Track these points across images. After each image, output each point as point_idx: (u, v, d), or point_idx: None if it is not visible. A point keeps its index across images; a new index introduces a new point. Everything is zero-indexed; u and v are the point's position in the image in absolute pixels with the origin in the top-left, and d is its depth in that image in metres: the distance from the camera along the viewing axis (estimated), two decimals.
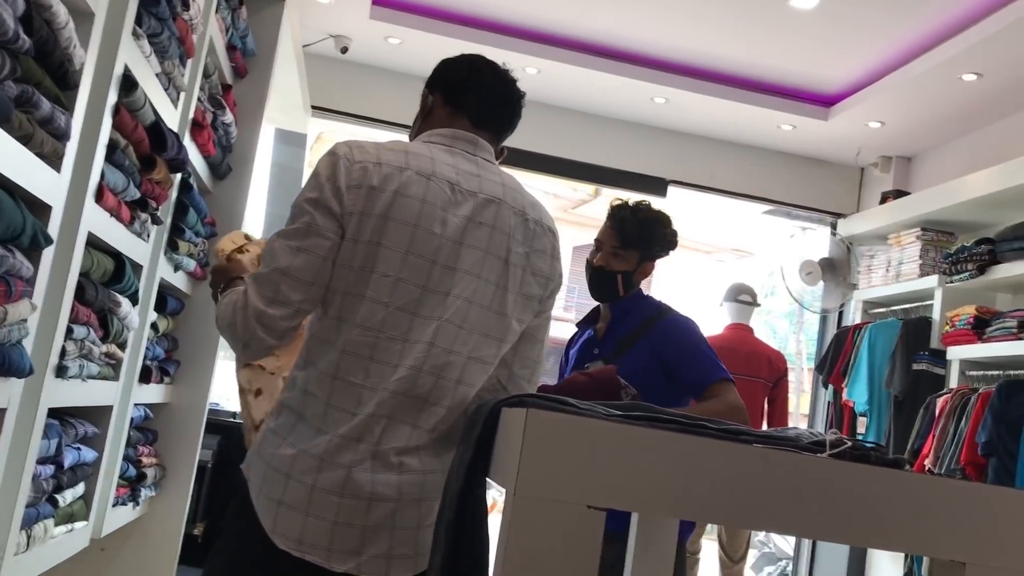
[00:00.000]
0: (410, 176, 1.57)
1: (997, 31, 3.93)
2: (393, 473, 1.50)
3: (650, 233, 2.56)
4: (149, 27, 2.11)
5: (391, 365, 1.53)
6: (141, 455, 2.82)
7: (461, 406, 1.58)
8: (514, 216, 1.64)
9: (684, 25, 4.66)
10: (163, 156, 2.32)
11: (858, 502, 1.11)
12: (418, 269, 1.54)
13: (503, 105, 1.76)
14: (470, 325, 1.58)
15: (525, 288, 1.65)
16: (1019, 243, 3.92)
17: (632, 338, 2.51)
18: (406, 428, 1.53)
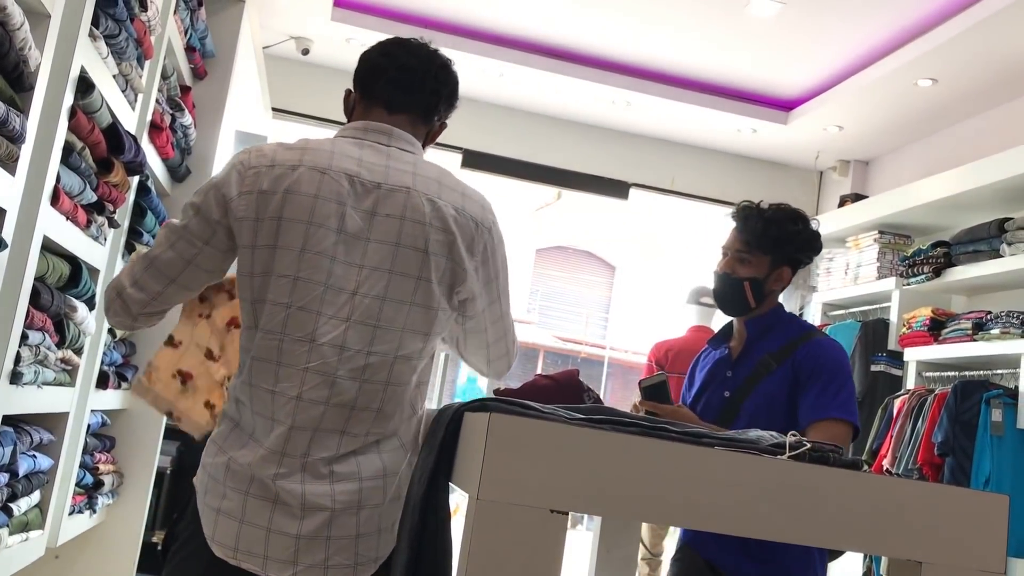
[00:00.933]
0: (302, 173, 1.51)
1: (951, 38, 4.01)
2: (326, 483, 1.47)
3: (780, 232, 2.19)
4: (106, 28, 2.08)
5: (299, 368, 1.48)
6: (98, 462, 2.77)
7: (398, 407, 1.53)
8: (428, 204, 1.54)
9: (646, 30, 4.69)
10: (120, 159, 2.29)
11: (817, 503, 1.13)
12: (316, 267, 1.48)
13: (418, 83, 1.65)
14: (388, 322, 1.50)
15: (452, 277, 1.56)
16: (973, 246, 3.99)
17: (771, 363, 2.14)
18: (335, 437, 1.49)
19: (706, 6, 4.34)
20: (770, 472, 1.13)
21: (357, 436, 1.50)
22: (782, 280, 2.21)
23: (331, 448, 1.48)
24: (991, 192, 3.98)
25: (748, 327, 2.23)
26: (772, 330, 2.20)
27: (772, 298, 2.23)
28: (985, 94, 4.52)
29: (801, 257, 2.24)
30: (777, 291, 2.23)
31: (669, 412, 1.92)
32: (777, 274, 2.20)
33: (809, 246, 2.24)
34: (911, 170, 5.12)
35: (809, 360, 2.09)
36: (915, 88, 4.56)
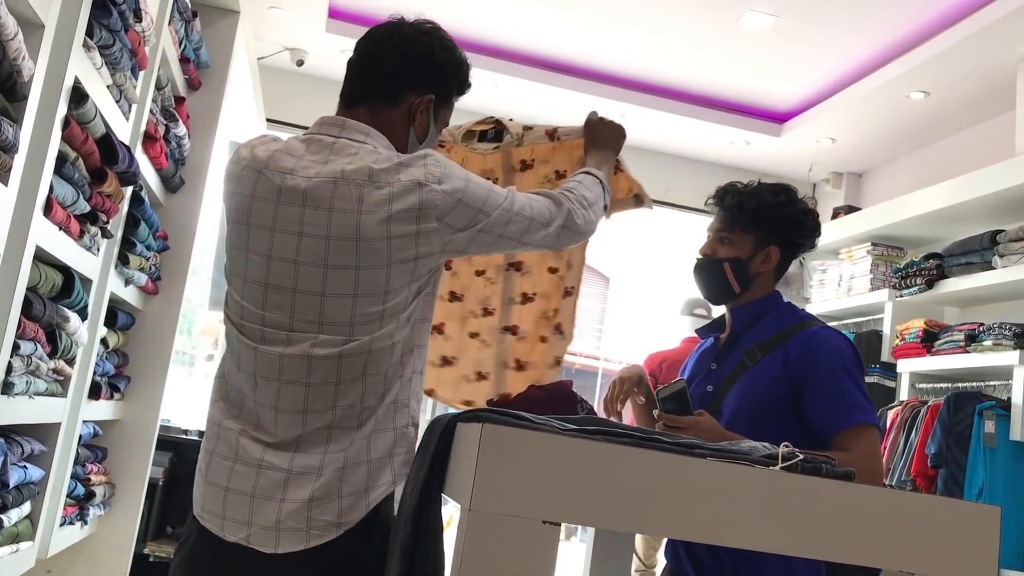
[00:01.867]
0: (244, 173, 1.52)
1: (943, 51, 4.03)
2: (287, 452, 1.46)
3: (760, 205, 1.96)
4: (100, 39, 2.08)
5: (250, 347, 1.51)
6: (90, 473, 2.76)
7: (361, 398, 1.47)
8: (356, 188, 1.43)
9: (640, 42, 4.71)
10: (114, 169, 2.29)
11: (810, 514, 1.13)
12: (257, 267, 1.48)
13: (371, 68, 1.58)
14: (330, 316, 1.45)
15: (395, 256, 1.44)
16: (965, 258, 4.01)
17: (756, 353, 1.92)
18: (297, 416, 1.47)
19: (700, 19, 4.35)
20: (763, 483, 1.13)
21: (321, 413, 1.46)
22: (770, 261, 1.97)
23: (296, 428, 1.47)
24: (983, 204, 4.00)
25: (734, 314, 2.02)
26: (763, 318, 1.98)
27: (762, 283, 1.99)
28: (977, 107, 4.54)
29: (792, 236, 1.99)
30: (766, 274, 1.99)
31: (691, 423, 1.75)
32: (764, 254, 1.96)
33: (799, 224, 1.99)
34: (904, 182, 5.14)
35: (806, 355, 1.86)
36: (907, 101, 4.58)
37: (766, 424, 1.76)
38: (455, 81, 1.64)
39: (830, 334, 1.92)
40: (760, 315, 1.98)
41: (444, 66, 1.61)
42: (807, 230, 2.01)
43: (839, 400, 1.82)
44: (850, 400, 1.82)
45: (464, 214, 1.48)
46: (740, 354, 1.95)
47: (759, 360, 1.91)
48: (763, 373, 1.89)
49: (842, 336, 1.95)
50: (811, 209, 2.03)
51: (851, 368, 1.86)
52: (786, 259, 2.01)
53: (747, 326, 1.98)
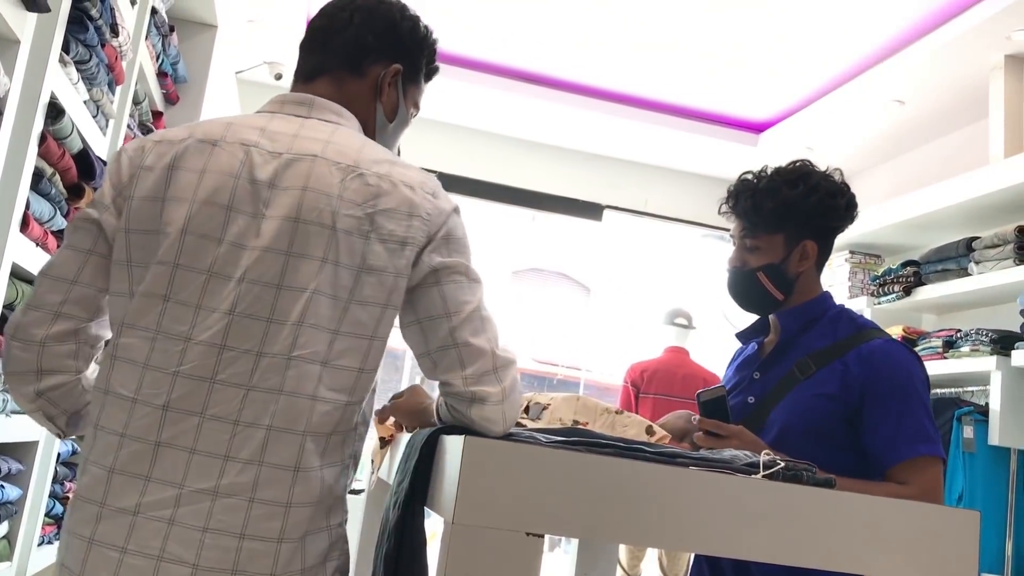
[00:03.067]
0: (189, 145, 1.28)
1: (917, 60, 4.08)
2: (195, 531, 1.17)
3: (779, 202, 1.77)
4: (77, 54, 2.08)
5: (168, 372, 1.20)
6: (68, 491, 2.73)
7: (294, 423, 1.19)
8: (337, 172, 1.25)
9: (619, 55, 4.74)
10: (91, 185, 2.27)
11: (791, 521, 1.13)
12: (202, 251, 1.23)
13: (330, 35, 1.42)
14: (282, 315, 1.21)
15: (370, 260, 1.23)
16: (942, 265, 4.05)
17: (810, 365, 1.73)
18: (216, 461, 1.18)
19: (677, 32, 4.39)
20: (744, 491, 1.13)
21: (239, 461, 1.18)
22: (808, 258, 1.79)
23: (211, 477, 1.17)
24: (958, 211, 4.04)
25: (783, 320, 1.81)
26: (815, 324, 1.78)
27: (806, 282, 1.81)
28: (951, 115, 4.60)
29: (824, 224, 1.80)
30: (807, 272, 1.80)
31: (734, 432, 1.61)
32: (799, 252, 1.78)
33: (828, 209, 1.79)
34: (880, 190, 5.19)
35: (869, 372, 1.66)
36: (883, 110, 4.63)
37: (820, 447, 1.59)
38: (421, 54, 1.50)
39: (898, 350, 1.72)
40: (812, 320, 1.79)
41: (408, 35, 1.47)
42: (840, 212, 1.81)
43: (901, 427, 1.63)
44: (914, 428, 1.63)
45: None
46: (790, 364, 1.76)
47: (813, 373, 1.71)
48: (817, 389, 1.70)
49: (911, 352, 1.74)
50: (837, 188, 1.82)
51: (920, 391, 1.67)
52: (825, 248, 1.83)
53: (798, 333, 1.80)
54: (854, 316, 1.82)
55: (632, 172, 5.91)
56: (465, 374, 1.23)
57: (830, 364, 1.71)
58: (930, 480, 1.61)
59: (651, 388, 4.74)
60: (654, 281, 6.83)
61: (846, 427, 1.67)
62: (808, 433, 1.67)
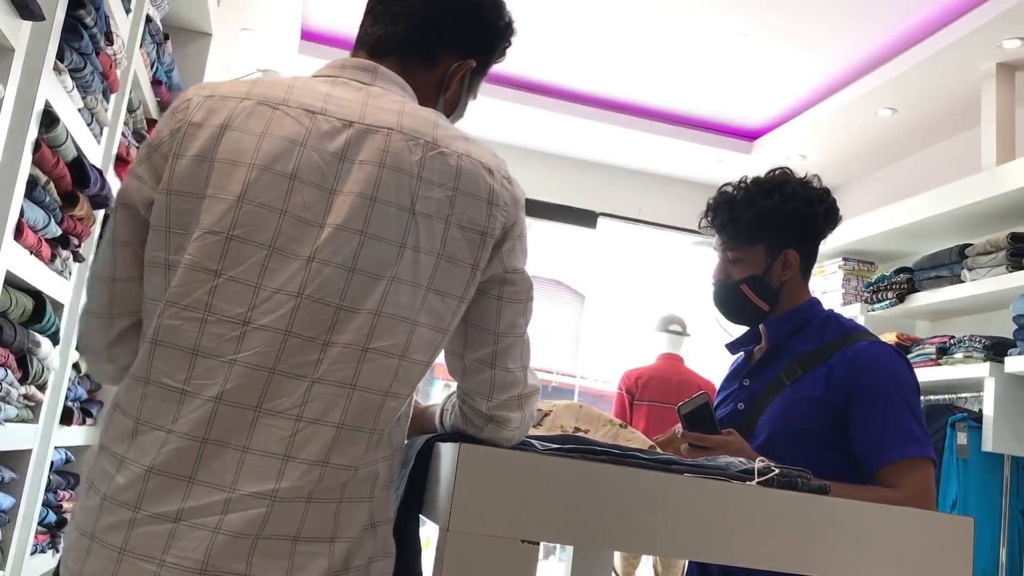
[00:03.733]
0: (249, 105, 1.15)
1: (909, 68, 4.10)
2: (282, 560, 1.05)
3: (756, 214, 1.75)
4: (71, 62, 2.07)
5: (223, 360, 1.07)
6: (62, 500, 2.72)
7: (365, 421, 1.09)
8: (417, 148, 1.14)
9: (613, 63, 4.75)
10: (86, 192, 2.27)
11: (785, 528, 1.13)
12: (262, 222, 1.10)
13: (404, 14, 1.28)
14: (353, 302, 1.09)
15: (450, 248, 1.14)
16: (935, 272, 4.06)
17: (796, 370, 1.71)
18: (273, 461, 1.05)
19: (671, 40, 4.40)
20: (739, 498, 1.14)
21: (308, 464, 1.07)
22: (791, 267, 1.77)
23: (268, 480, 1.05)
24: (951, 219, 4.06)
25: (770, 327, 1.81)
26: (803, 330, 1.77)
27: (792, 291, 1.79)
28: (943, 123, 4.62)
29: (804, 232, 1.78)
30: (791, 280, 1.79)
31: (719, 443, 1.59)
32: (781, 262, 1.77)
33: (807, 217, 1.77)
34: (873, 198, 5.21)
35: (853, 374, 1.65)
36: (875, 118, 4.65)
37: (807, 452, 1.55)
38: (500, 46, 1.37)
39: (882, 350, 1.70)
40: (800, 326, 1.78)
41: (491, 26, 1.34)
42: (819, 219, 1.80)
43: (887, 429, 1.61)
44: (901, 429, 1.61)
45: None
46: (778, 370, 1.75)
47: (799, 379, 1.70)
48: (803, 394, 1.69)
49: (896, 353, 1.73)
50: (815, 194, 1.81)
51: (906, 392, 1.66)
52: (808, 255, 1.82)
53: (785, 339, 1.79)
54: (841, 320, 1.82)
55: (626, 179, 5.93)
56: (493, 396, 1.19)
57: (816, 368, 1.70)
58: (920, 482, 1.59)
59: (646, 395, 4.75)
60: (648, 288, 6.84)
61: (833, 430, 1.66)
62: (795, 438, 1.66)
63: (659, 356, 4.97)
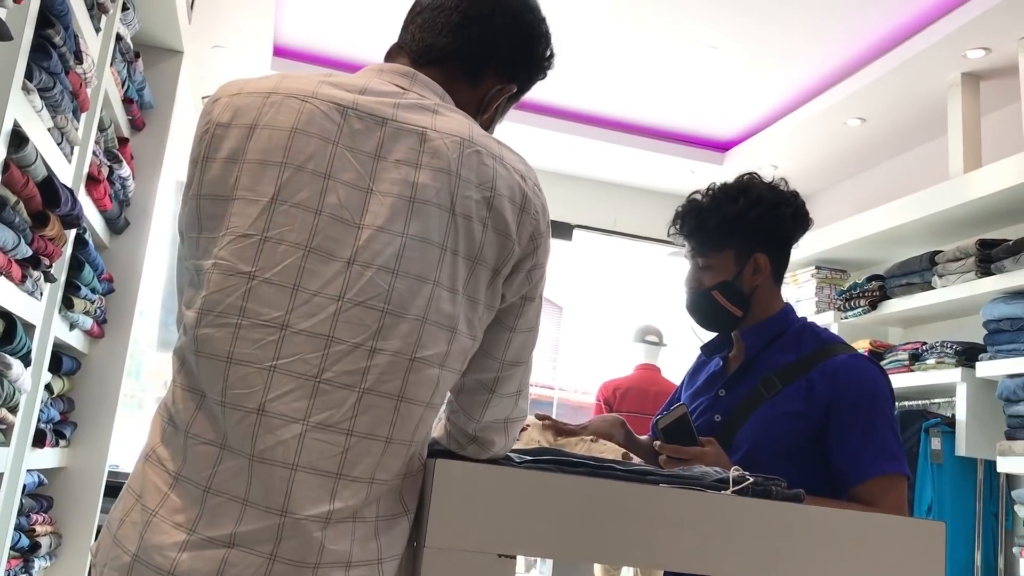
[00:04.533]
0: (277, 100, 1.11)
1: (877, 79, 4.15)
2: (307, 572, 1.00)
3: (722, 220, 1.74)
4: (40, 81, 2.06)
5: (261, 367, 1.02)
6: (35, 523, 2.69)
7: (410, 434, 1.06)
8: (454, 146, 1.10)
9: (586, 76, 4.78)
10: (56, 212, 2.25)
11: (761, 536, 1.14)
12: (297, 223, 1.05)
13: (455, 26, 1.22)
14: (400, 307, 1.04)
15: (487, 251, 1.09)
16: (906, 279, 4.11)
17: (775, 383, 1.69)
18: (326, 481, 1.01)
19: (642, 53, 4.43)
20: (714, 507, 1.14)
21: (359, 483, 1.02)
22: (762, 271, 1.76)
23: (321, 501, 1.00)
24: (921, 226, 4.11)
25: (747, 338, 1.79)
26: (780, 339, 1.76)
27: (764, 296, 1.78)
28: (911, 132, 4.68)
29: (772, 236, 1.76)
30: (764, 285, 1.77)
31: (696, 455, 1.58)
32: (751, 267, 1.75)
33: (774, 221, 1.76)
34: (844, 206, 5.26)
35: (833, 389, 1.64)
36: (845, 127, 4.70)
37: (788, 468, 1.51)
38: (540, 75, 1.35)
39: (863, 365, 1.68)
40: (776, 335, 1.76)
41: (538, 54, 1.31)
42: (786, 221, 1.78)
43: (865, 445, 1.60)
44: (877, 446, 1.60)
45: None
46: (755, 382, 1.72)
47: (778, 392, 1.68)
48: (783, 407, 1.67)
49: (876, 367, 1.71)
50: (781, 197, 1.79)
51: (885, 407, 1.64)
52: (778, 259, 1.80)
53: (762, 348, 1.76)
54: (818, 330, 1.80)
55: (601, 192, 5.96)
56: (482, 419, 1.17)
57: (795, 381, 1.68)
58: (895, 500, 1.59)
59: (624, 406, 4.76)
60: (625, 299, 6.86)
61: (813, 446, 1.64)
62: (775, 454, 1.64)
63: (636, 367, 4.98)
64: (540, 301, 1.18)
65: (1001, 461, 3.38)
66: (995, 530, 3.66)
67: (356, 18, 4.45)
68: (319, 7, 4.41)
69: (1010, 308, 3.41)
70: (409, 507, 1.08)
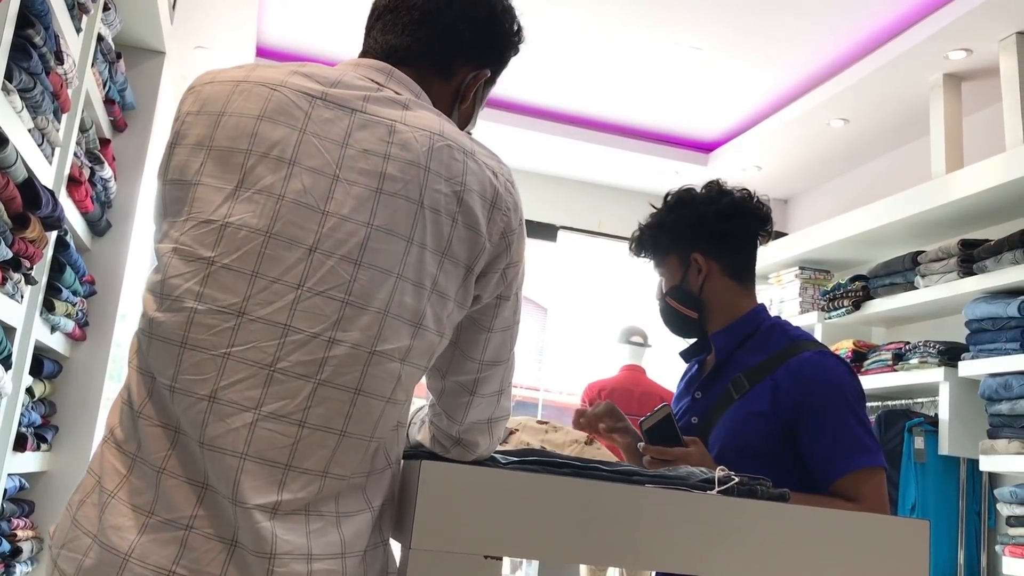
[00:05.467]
0: (246, 88, 1.10)
1: (859, 80, 4.18)
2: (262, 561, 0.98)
3: (663, 230, 1.83)
4: (20, 82, 2.04)
5: (215, 353, 1.00)
6: (16, 528, 2.66)
7: (367, 429, 1.03)
8: (423, 139, 1.08)
9: (571, 77, 4.78)
10: (37, 214, 2.24)
11: (747, 536, 1.14)
12: (259, 208, 1.03)
13: (419, 21, 1.21)
14: (362, 297, 1.02)
15: (456, 246, 1.08)
16: (889, 279, 4.13)
17: (743, 383, 1.70)
18: (275, 472, 0.99)
19: (626, 55, 4.44)
20: (700, 507, 1.14)
21: (309, 475, 1.00)
22: (703, 270, 1.78)
23: (268, 492, 0.98)
24: (904, 227, 4.13)
25: (716, 340, 1.81)
26: (750, 340, 1.76)
27: (723, 298, 1.79)
28: (894, 133, 4.71)
29: (703, 235, 1.78)
30: (712, 286, 1.79)
31: (680, 455, 1.58)
32: (693, 268, 1.79)
33: (700, 219, 1.79)
34: (828, 207, 5.29)
35: (799, 387, 1.64)
36: (828, 128, 4.73)
37: (757, 467, 1.50)
38: (511, 53, 1.32)
39: (827, 361, 1.68)
40: (746, 336, 1.77)
41: (505, 34, 1.29)
42: (708, 219, 1.79)
43: (838, 440, 1.60)
44: (851, 440, 1.60)
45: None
46: (726, 383, 1.74)
47: (746, 392, 1.69)
48: (750, 407, 1.68)
49: (841, 362, 1.71)
50: (708, 198, 1.81)
51: (852, 401, 1.64)
52: (724, 257, 1.80)
53: (733, 350, 1.78)
54: (787, 328, 1.80)
55: (585, 193, 5.96)
56: (465, 420, 1.16)
57: (762, 380, 1.68)
58: (874, 492, 1.59)
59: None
60: (609, 300, 6.87)
61: (783, 445, 1.64)
62: (744, 453, 1.64)
63: (621, 368, 4.99)
64: (517, 299, 1.16)
65: (984, 460, 3.41)
66: (978, 528, 3.68)
67: (339, 19, 4.44)
68: (302, 8, 4.40)
69: (992, 308, 3.44)
70: (373, 504, 1.06)
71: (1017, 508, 3.34)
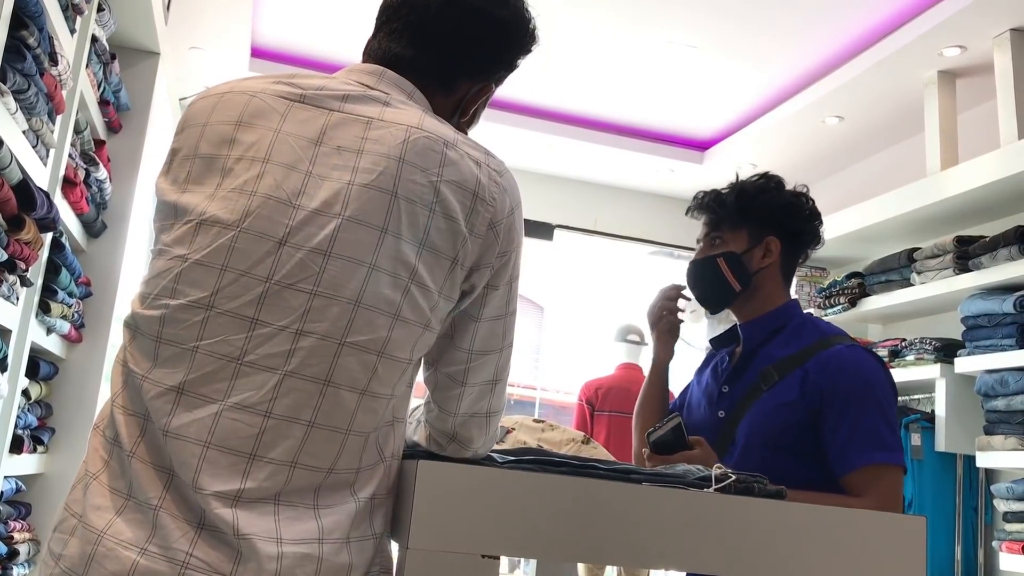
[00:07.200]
0: (229, 98, 1.14)
1: (854, 77, 4.18)
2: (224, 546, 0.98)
3: (749, 198, 1.78)
4: (14, 83, 2.04)
5: (184, 347, 1.02)
6: (13, 530, 2.66)
7: (339, 421, 1.02)
8: (399, 132, 1.09)
9: (566, 76, 4.78)
10: (32, 216, 2.23)
11: (743, 534, 1.14)
12: (231, 204, 1.06)
13: (431, 34, 1.20)
14: (331, 288, 1.02)
15: (435, 236, 1.06)
16: (885, 276, 4.13)
17: (772, 375, 1.67)
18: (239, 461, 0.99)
19: (621, 53, 4.44)
20: (697, 505, 1.14)
21: (276, 465, 1.00)
22: (771, 255, 1.76)
23: (231, 480, 0.98)
24: (899, 224, 4.14)
25: (745, 330, 1.78)
26: (780, 333, 1.74)
27: (767, 283, 1.77)
28: (888, 130, 4.71)
29: (788, 223, 1.78)
30: (770, 273, 1.77)
31: (681, 459, 1.56)
32: (763, 248, 1.76)
33: (792, 207, 1.79)
34: (823, 204, 5.25)
35: (827, 377, 1.61)
36: (823, 126, 4.73)
37: (785, 460, 1.55)
38: (521, 57, 1.31)
39: (859, 354, 1.66)
40: (777, 329, 1.75)
41: (515, 45, 1.28)
42: (804, 214, 1.81)
43: (856, 434, 1.56)
44: (869, 434, 1.56)
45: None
46: (754, 376, 1.71)
47: (775, 384, 1.67)
48: (779, 399, 1.65)
49: (873, 357, 1.69)
50: (802, 193, 1.83)
51: (880, 396, 1.61)
52: (789, 253, 1.80)
53: (762, 342, 1.75)
54: (819, 323, 1.78)
55: (581, 191, 5.96)
56: (459, 413, 1.15)
57: (792, 372, 1.66)
58: (885, 490, 1.55)
59: (606, 405, 4.77)
60: (606, 298, 6.87)
61: (810, 437, 1.61)
62: (773, 446, 1.63)
63: (618, 366, 4.99)
64: (507, 289, 1.15)
65: (980, 456, 3.41)
66: (975, 524, 3.69)
67: (333, 19, 4.43)
68: (296, 8, 4.39)
69: (987, 304, 3.44)
70: (359, 496, 1.05)
71: (1014, 504, 3.35)
